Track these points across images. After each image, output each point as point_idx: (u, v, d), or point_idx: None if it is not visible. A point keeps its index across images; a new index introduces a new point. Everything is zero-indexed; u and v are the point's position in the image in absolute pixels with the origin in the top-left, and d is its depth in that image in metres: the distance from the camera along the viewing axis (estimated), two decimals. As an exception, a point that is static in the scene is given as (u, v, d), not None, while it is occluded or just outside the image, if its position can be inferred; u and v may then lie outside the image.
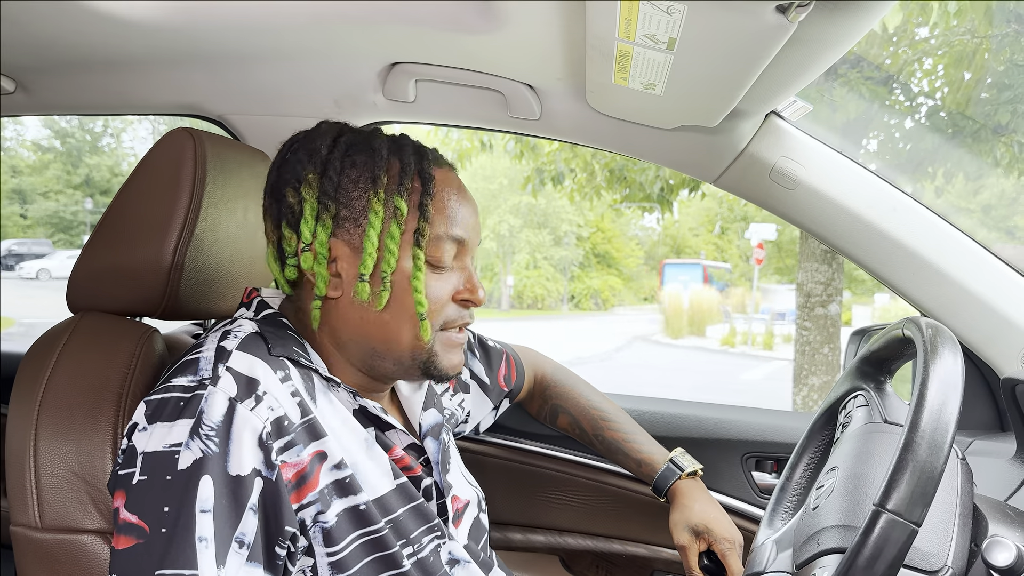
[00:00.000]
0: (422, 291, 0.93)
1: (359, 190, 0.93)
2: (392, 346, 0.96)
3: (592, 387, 1.49)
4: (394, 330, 0.95)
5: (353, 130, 0.99)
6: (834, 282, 5.48)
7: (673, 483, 1.31)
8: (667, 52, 0.91)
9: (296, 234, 0.93)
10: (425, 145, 1.02)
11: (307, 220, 0.92)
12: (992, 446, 1.30)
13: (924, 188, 5.00)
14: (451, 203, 0.97)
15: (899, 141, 5.09)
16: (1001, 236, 8.29)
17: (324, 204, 0.92)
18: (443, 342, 0.99)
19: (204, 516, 0.77)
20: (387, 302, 0.94)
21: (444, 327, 0.99)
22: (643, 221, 27.45)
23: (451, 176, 1.01)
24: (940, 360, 0.76)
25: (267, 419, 0.83)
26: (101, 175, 25.21)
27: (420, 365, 0.98)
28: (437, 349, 0.98)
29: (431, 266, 0.96)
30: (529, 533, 1.64)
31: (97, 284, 1.05)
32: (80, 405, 0.92)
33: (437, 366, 0.99)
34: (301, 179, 0.93)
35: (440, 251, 0.96)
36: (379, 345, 0.96)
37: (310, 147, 0.95)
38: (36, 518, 0.90)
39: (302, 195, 0.93)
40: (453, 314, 0.99)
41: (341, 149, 0.95)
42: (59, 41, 1.28)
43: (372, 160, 0.94)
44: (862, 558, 0.69)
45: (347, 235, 0.93)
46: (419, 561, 0.93)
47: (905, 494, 0.69)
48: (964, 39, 4.43)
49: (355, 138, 0.97)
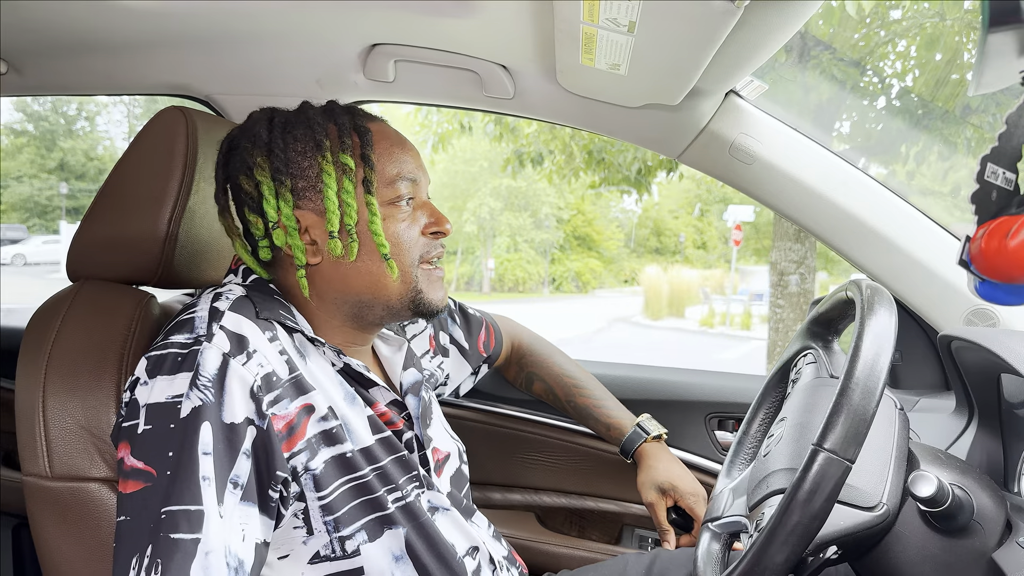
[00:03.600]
0: (381, 233, 1.00)
1: (308, 159, 1.00)
2: (378, 291, 1.03)
3: (566, 356, 1.57)
4: (375, 275, 1.02)
5: (282, 111, 1.06)
6: (807, 260, 5.58)
7: (639, 446, 1.40)
8: (628, 35, 0.98)
9: (261, 216, 1.00)
10: (352, 105, 1.09)
11: (268, 200, 0.99)
12: (936, 403, 1.39)
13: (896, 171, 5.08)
14: (393, 149, 1.05)
15: (872, 122, 5.17)
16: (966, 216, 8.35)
17: (279, 180, 0.99)
18: (425, 277, 1.06)
19: (206, 458, 0.84)
20: (359, 251, 1.01)
21: (422, 260, 1.06)
22: (623, 203, 27.47)
23: (385, 127, 1.08)
24: (875, 316, 0.82)
25: (257, 374, 0.89)
26: (76, 159, 24.81)
27: (409, 303, 1.05)
28: (422, 286, 1.05)
29: (393, 208, 1.03)
30: (507, 492, 1.72)
31: (96, 253, 1.10)
32: (85, 363, 0.98)
33: (425, 301, 1.06)
34: (251, 165, 1.00)
35: (396, 192, 1.03)
36: (365, 294, 1.03)
37: (250, 135, 1.02)
38: (46, 468, 0.96)
39: (257, 179, 1.00)
40: (425, 246, 1.06)
41: (279, 128, 1.02)
42: (51, 23, 1.32)
43: (311, 129, 1.01)
44: (802, 492, 0.76)
45: (309, 203, 1.01)
46: (405, 505, 1.00)
47: (840, 434, 0.75)
48: (934, 21, 4.50)
49: (288, 116, 1.04)
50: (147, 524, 0.82)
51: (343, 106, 1.06)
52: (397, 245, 1.03)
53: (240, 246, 1.05)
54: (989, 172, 0.70)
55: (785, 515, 0.77)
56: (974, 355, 1.06)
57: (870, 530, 0.85)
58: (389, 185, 1.03)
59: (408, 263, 1.04)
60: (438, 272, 1.09)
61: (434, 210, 1.08)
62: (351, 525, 0.95)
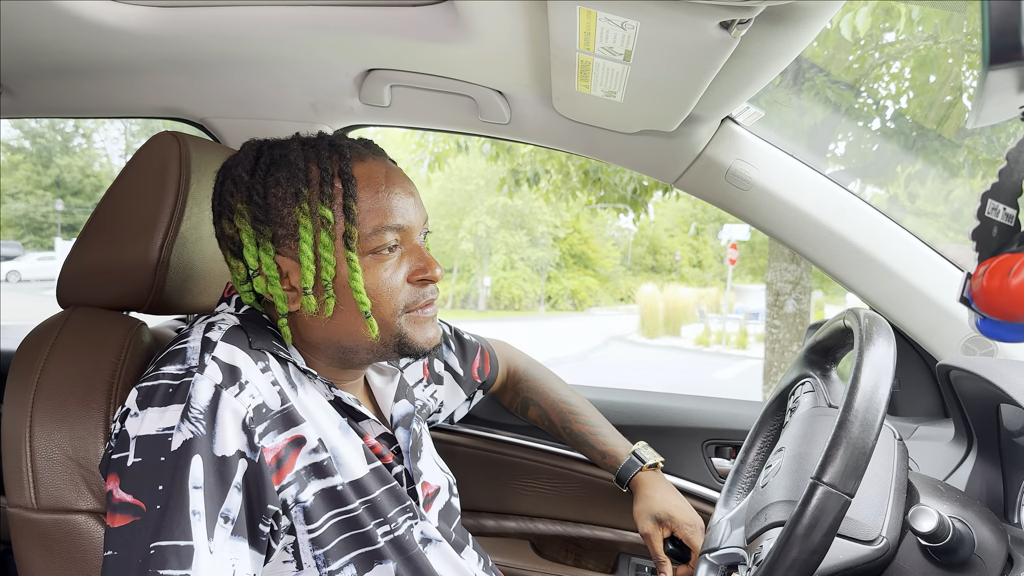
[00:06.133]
0: (362, 291, 0.96)
1: (287, 206, 0.96)
2: (359, 340, 1.00)
3: (562, 381, 1.55)
4: (355, 328, 0.99)
5: (272, 145, 1.01)
6: (802, 281, 5.60)
7: (635, 474, 1.38)
8: (624, 63, 0.98)
9: (242, 262, 0.98)
10: (344, 138, 1.03)
11: (248, 248, 0.96)
12: (934, 431, 1.38)
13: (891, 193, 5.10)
14: (380, 195, 0.98)
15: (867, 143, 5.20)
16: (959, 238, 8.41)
17: (259, 229, 0.96)
18: (410, 321, 1.02)
19: (196, 492, 0.82)
20: (336, 307, 0.98)
21: (408, 309, 1.01)
22: (619, 222, 27.52)
23: (375, 167, 1.01)
24: (874, 347, 0.82)
25: (249, 406, 0.88)
26: (72, 176, 24.81)
27: (394, 347, 1.02)
28: (406, 330, 1.01)
29: (377, 257, 0.98)
30: (501, 519, 1.70)
31: (87, 280, 1.09)
32: (73, 393, 0.97)
33: (410, 344, 1.02)
34: (233, 210, 0.97)
35: (381, 242, 0.98)
36: (347, 342, 1.01)
37: (234, 175, 0.99)
38: (32, 499, 0.95)
39: (237, 225, 0.97)
40: (412, 296, 1.01)
41: (262, 170, 0.97)
42: (45, 46, 1.32)
43: (292, 174, 0.96)
44: (801, 527, 0.75)
45: (290, 251, 0.97)
46: (394, 539, 0.99)
47: (839, 468, 0.75)
48: (928, 44, 4.54)
49: (274, 154, 0.99)
50: (135, 560, 0.80)
51: (333, 143, 1.01)
52: (378, 296, 0.98)
53: (235, 280, 1.02)
54: (990, 208, 0.70)
55: (784, 550, 0.76)
56: (973, 385, 1.06)
57: (869, 564, 0.85)
58: (373, 235, 0.97)
59: (390, 313, 0.99)
60: (428, 312, 1.04)
61: (423, 255, 1.02)
62: (340, 559, 0.94)
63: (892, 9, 4.28)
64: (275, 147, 1.00)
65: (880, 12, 4.33)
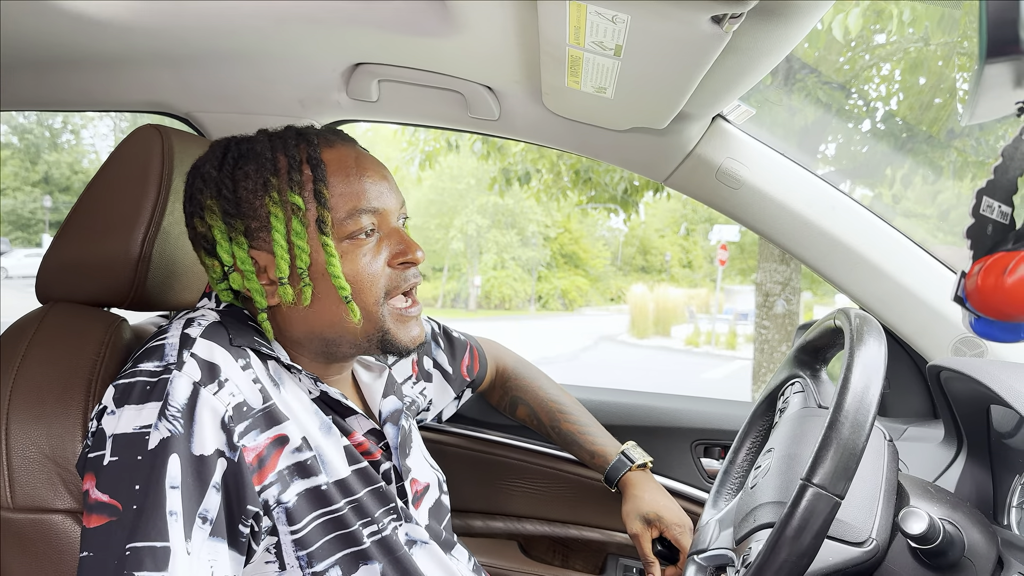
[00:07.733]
0: (341, 276, 0.95)
1: (258, 198, 0.95)
2: (341, 331, 0.99)
3: (551, 380, 1.54)
4: (336, 317, 0.97)
5: (240, 140, 1.00)
6: (792, 282, 5.61)
7: (624, 474, 1.37)
8: (615, 58, 0.97)
9: (217, 260, 0.96)
10: (311, 128, 1.02)
11: (221, 244, 0.95)
12: (924, 432, 1.37)
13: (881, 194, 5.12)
14: (352, 179, 0.97)
15: (857, 144, 5.21)
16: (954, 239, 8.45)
17: (230, 224, 0.95)
18: (393, 317, 1.00)
19: (173, 492, 0.81)
20: (313, 296, 0.96)
21: (389, 295, 1.00)
22: (610, 222, 27.57)
23: (344, 152, 1.00)
24: (864, 347, 0.81)
25: (228, 404, 0.87)
26: (61, 172, 24.68)
27: (377, 343, 1.00)
28: (389, 325, 1.00)
29: (354, 242, 0.97)
30: (489, 520, 1.69)
31: (66, 275, 1.07)
32: (51, 390, 0.95)
33: (393, 342, 1.01)
34: (203, 207, 0.96)
35: (358, 226, 0.97)
36: (329, 333, 0.99)
37: (203, 173, 0.98)
38: (8, 499, 0.93)
39: (208, 222, 0.95)
40: (394, 281, 1.00)
41: (230, 165, 0.96)
42: (30, 39, 1.30)
43: (260, 165, 0.95)
44: (790, 528, 0.74)
45: (264, 243, 0.96)
46: (381, 539, 0.97)
47: (829, 469, 0.74)
48: (918, 46, 4.56)
49: (241, 148, 0.98)
50: (111, 561, 0.79)
51: (300, 132, 1.00)
52: (358, 283, 0.96)
53: (211, 278, 1.00)
54: (984, 206, 0.69)
55: (773, 552, 0.76)
56: (963, 386, 1.05)
57: (859, 566, 0.84)
58: (348, 219, 0.96)
59: (372, 300, 0.98)
60: (412, 310, 1.03)
61: (403, 237, 1.01)
62: (325, 560, 0.92)
63: (884, 11, 4.29)
64: (242, 142, 0.99)
65: (871, 13, 4.34)
